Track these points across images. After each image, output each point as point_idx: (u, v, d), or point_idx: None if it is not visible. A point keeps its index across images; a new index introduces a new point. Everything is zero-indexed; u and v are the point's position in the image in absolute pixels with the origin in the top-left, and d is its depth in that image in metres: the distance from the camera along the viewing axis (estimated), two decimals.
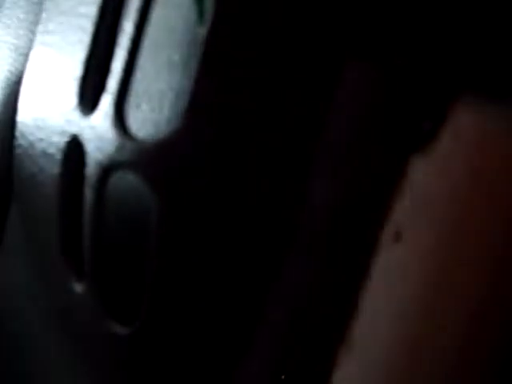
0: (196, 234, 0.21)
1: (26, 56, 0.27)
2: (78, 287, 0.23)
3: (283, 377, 0.21)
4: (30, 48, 0.27)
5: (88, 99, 0.22)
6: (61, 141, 0.23)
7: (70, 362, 0.26)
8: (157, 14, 0.21)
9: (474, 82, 0.19)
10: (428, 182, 0.20)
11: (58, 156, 0.23)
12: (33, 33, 0.28)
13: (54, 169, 0.23)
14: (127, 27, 0.21)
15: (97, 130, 0.22)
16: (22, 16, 0.30)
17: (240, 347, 0.22)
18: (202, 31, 0.19)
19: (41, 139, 0.24)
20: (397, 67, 0.19)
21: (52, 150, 0.24)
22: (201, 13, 0.20)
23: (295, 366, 0.21)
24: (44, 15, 0.26)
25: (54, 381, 0.27)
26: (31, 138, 0.25)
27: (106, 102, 0.21)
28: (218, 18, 0.19)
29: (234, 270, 0.21)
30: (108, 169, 0.21)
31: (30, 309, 0.29)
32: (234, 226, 0.20)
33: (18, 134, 0.26)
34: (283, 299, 0.21)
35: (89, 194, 0.22)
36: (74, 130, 0.23)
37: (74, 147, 0.23)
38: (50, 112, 0.24)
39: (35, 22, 0.28)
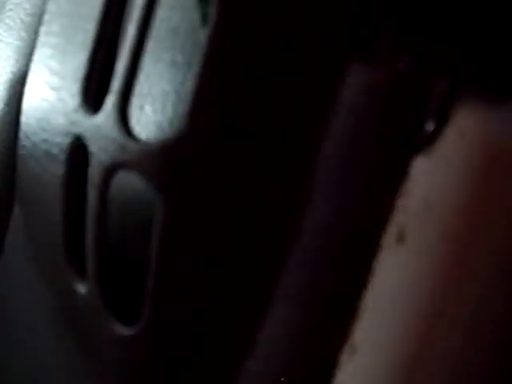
0: (199, 235, 0.21)
1: (29, 57, 0.27)
2: (82, 288, 0.23)
3: (283, 379, 0.21)
4: (32, 49, 0.27)
5: (91, 100, 0.22)
6: (64, 141, 0.23)
7: (74, 363, 0.26)
8: (160, 16, 0.21)
9: (477, 82, 0.19)
10: (431, 182, 0.20)
11: (62, 156, 0.23)
12: (36, 34, 0.28)
13: (58, 169, 0.23)
14: (130, 28, 0.21)
15: (100, 130, 0.22)
16: (24, 17, 0.30)
17: (242, 347, 0.22)
18: (205, 33, 0.20)
19: (44, 140, 0.24)
20: (400, 68, 0.19)
21: (55, 151, 0.24)
22: (204, 14, 0.20)
23: (297, 367, 0.21)
24: (47, 16, 0.26)
25: (58, 382, 0.27)
26: (35, 138, 0.25)
27: (110, 102, 0.21)
28: (221, 20, 0.19)
29: (236, 270, 0.21)
30: (111, 169, 0.21)
31: (33, 310, 0.29)
32: (237, 226, 0.21)
33: (21, 134, 0.26)
34: (285, 300, 0.21)
35: (92, 194, 0.22)
36: (77, 130, 0.23)
37: (78, 148, 0.23)
38: (53, 113, 0.24)
39: (38, 24, 0.28)
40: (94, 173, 0.22)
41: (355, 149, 0.20)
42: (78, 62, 0.23)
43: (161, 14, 0.21)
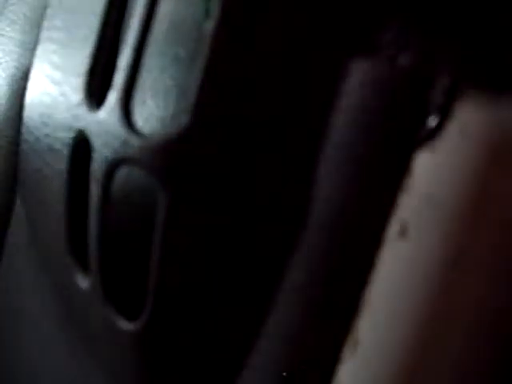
0: (202, 229, 0.21)
1: (32, 52, 0.28)
2: (84, 282, 0.23)
3: (285, 374, 0.21)
4: (35, 44, 0.27)
5: (94, 95, 0.22)
6: (67, 136, 0.23)
7: (76, 358, 0.26)
8: (163, 10, 0.21)
9: (479, 77, 0.19)
10: (433, 177, 0.20)
11: (64, 151, 0.23)
12: (39, 29, 0.28)
13: (60, 164, 0.24)
14: (133, 23, 0.21)
15: (103, 125, 0.22)
16: (27, 12, 0.30)
17: (244, 343, 0.22)
18: (209, 27, 0.19)
19: (47, 135, 0.24)
20: (402, 63, 0.19)
21: (58, 146, 0.24)
22: (207, 9, 0.20)
23: (300, 362, 0.21)
24: (49, 11, 0.26)
25: (61, 378, 0.27)
26: (37, 133, 0.25)
27: (113, 97, 0.21)
28: (224, 14, 0.19)
29: (239, 265, 0.21)
30: (114, 164, 0.21)
31: (36, 306, 0.29)
32: (240, 221, 0.21)
33: (24, 129, 0.26)
34: (287, 295, 0.21)
35: (95, 189, 0.22)
36: (80, 125, 0.23)
37: (80, 142, 0.23)
38: (56, 107, 0.24)
39: (41, 18, 0.28)
40: (97, 167, 0.22)
41: (357, 144, 0.20)
42: (80, 56, 0.23)
43: (163, 8, 0.21)
